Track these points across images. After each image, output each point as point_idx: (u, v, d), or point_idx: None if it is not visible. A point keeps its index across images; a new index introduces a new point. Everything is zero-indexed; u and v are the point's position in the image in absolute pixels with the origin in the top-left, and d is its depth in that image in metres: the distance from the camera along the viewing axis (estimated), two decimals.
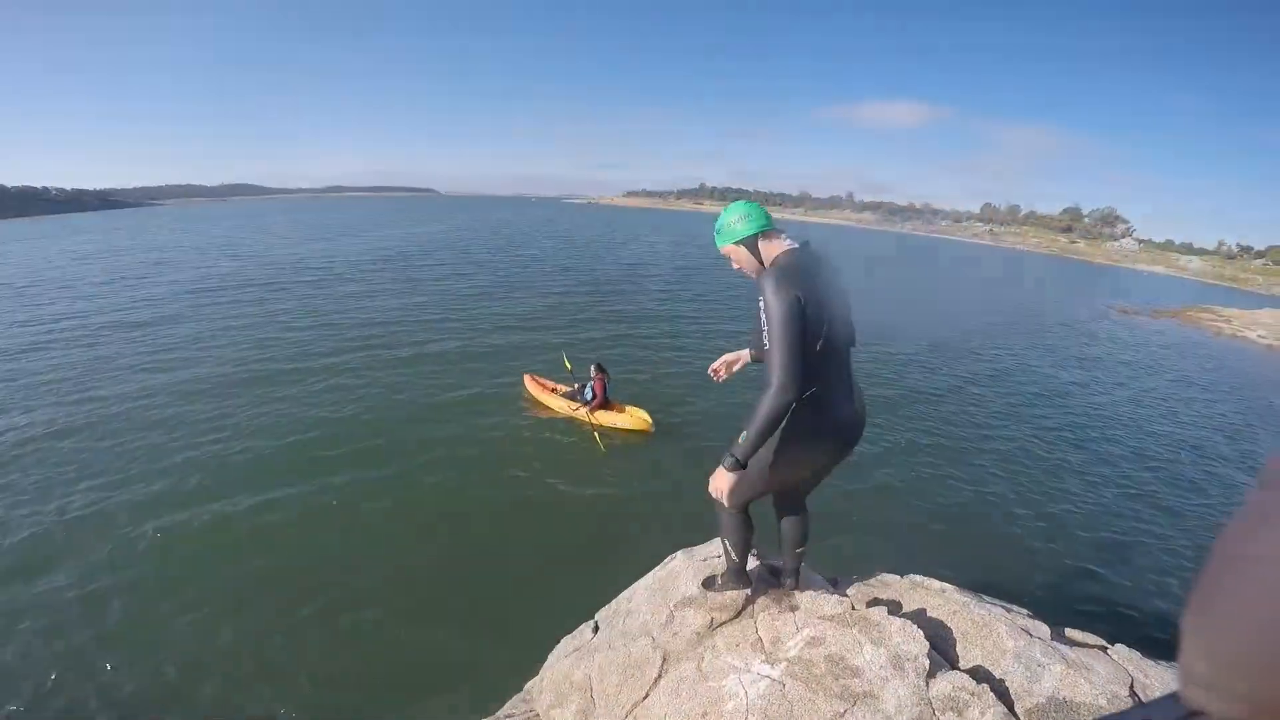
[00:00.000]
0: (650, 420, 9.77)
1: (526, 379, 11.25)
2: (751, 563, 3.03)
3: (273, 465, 8.21)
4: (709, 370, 2.66)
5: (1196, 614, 0.35)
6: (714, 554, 3.23)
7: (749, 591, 2.82)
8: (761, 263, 2.15)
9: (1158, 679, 2.27)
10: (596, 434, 9.42)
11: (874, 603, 2.81)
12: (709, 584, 2.92)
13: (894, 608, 2.74)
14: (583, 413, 9.84)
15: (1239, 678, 0.32)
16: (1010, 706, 2.13)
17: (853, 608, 2.68)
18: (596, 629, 3.50)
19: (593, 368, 10.04)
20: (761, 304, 1.95)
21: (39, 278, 24.19)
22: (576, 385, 10.31)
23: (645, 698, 2.66)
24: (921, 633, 2.42)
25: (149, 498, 7.37)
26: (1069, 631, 2.70)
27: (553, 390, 10.76)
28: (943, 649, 2.49)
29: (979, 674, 2.29)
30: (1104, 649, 2.55)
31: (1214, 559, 0.35)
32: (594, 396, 9.80)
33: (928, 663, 2.28)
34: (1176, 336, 25.23)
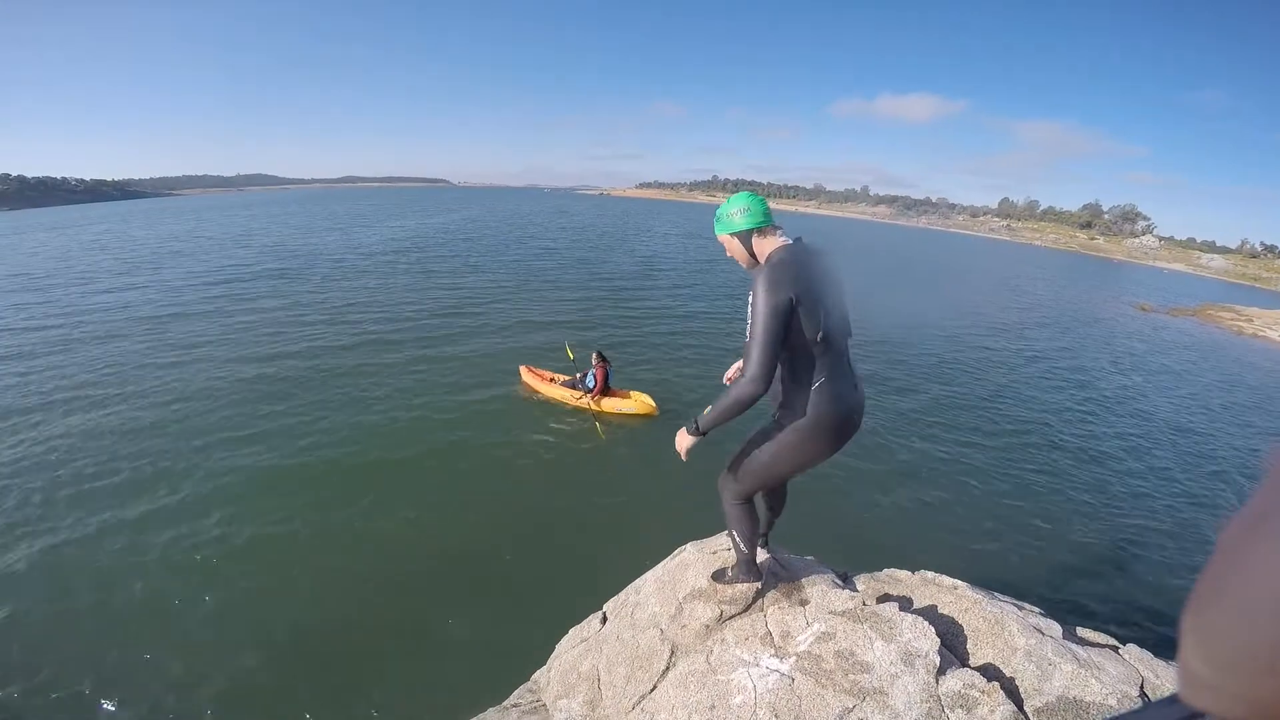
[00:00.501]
0: (654, 404, 9.86)
1: (523, 370, 11.26)
2: (762, 555, 3.03)
3: (278, 465, 8.16)
4: (724, 379, 2.67)
5: (1196, 613, 0.35)
6: (724, 546, 3.22)
7: (760, 584, 2.81)
8: (754, 256, 2.19)
9: (1169, 679, 2.25)
10: (597, 422, 9.48)
11: (884, 598, 2.80)
12: (719, 577, 2.92)
13: (905, 604, 2.73)
14: (585, 400, 9.91)
15: (1238, 679, 0.32)
16: (1020, 705, 2.12)
17: (864, 603, 2.67)
18: (605, 620, 3.50)
19: (594, 355, 10.12)
20: (751, 297, 2.00)
21: (57, 269, 24.65)
22: (578, 374, 10.37)
23: (653, 690, 2.66)
24: (933, 629, 2.40)
25: (144, 497, 7.35)
26: (1081, 631, 2.67)
27: (550, 379, 10.80)
28: (954, 646, 2.47)
29: (989, 672, 2.27)
30: (1116, 649, 2.52)
31: (1215, 557, 0.35)
32: (595, 384, 9.88)
33: (938, 659, 2.27)
34: (1198, 335, 24.85)
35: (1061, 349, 18.31)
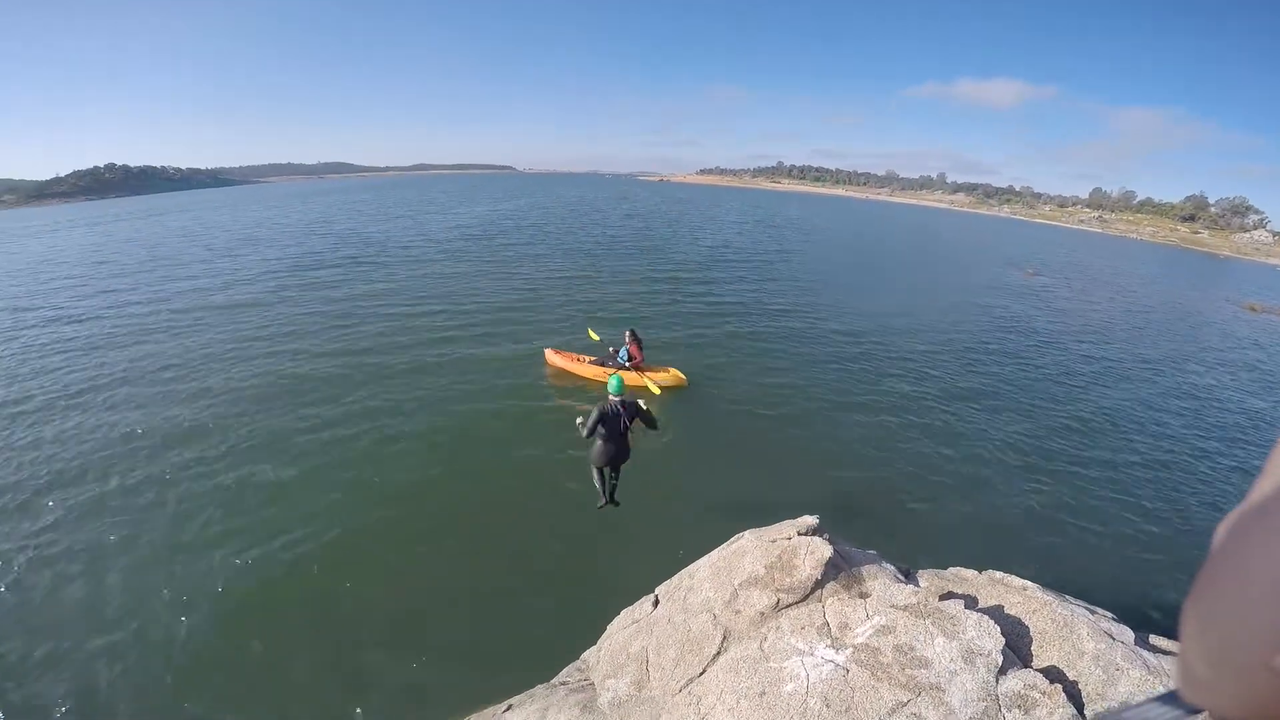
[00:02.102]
0: (684, 376, 10.32)
1: (549, 353, 11.25)
2: (828, 549, 2.99)
3: (342, 460, 8.19)
4: None
5: (1193, 609, 0.35)
6: (784, 535, 3.22)
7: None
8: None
9: None
10: (646, 380, 9.39)
11: (948, 596, 2.74)
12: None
13: (970, 603, 2.66)
14: (625, 375, 9.98)
15: (1233, 676, 0.32)
16: (1080, 708, 2.05)
17: (927, 599, 2.63)
18: (656, 603, 3.56)
19: (627, 334, 10.29)
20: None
21: (152, 255, 26.78)
22: (612, 349, 10.56)
23: (702, 673, 2.70)
24: (998, 628, 2.35)
25: (200, 485, 7.63)
26: (1154, 638, 2.55)
27: (579, 360, 10.88)
28: (1018, 647, 2.41)
29: (1053, 674, 2.20)
30: None
31: (1213, 554, 0.35)
32: (631, 358, 10.07)
33: (1000, 659, 2.22)
34: None
35: (1161, 353, 17.04)
